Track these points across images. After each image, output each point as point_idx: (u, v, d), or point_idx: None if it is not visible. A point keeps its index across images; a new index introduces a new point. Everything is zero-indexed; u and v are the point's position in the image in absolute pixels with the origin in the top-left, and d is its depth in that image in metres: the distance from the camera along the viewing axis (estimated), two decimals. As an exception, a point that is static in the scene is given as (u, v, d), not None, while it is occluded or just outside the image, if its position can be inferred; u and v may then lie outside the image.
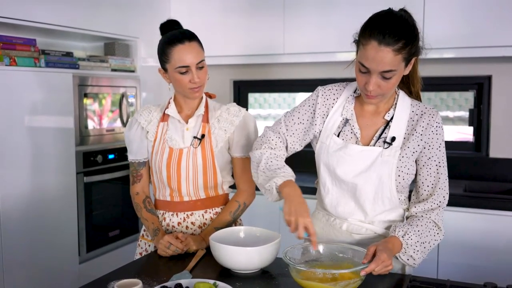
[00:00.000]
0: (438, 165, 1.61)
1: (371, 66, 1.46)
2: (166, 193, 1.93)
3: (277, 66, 3.73)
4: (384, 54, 1.43)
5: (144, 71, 3.41)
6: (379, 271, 1.44)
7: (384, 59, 1.43)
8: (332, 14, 3.16)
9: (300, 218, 1.47)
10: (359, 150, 1.61)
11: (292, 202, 1.52)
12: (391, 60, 1.43)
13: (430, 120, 1.59)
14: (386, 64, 1.44)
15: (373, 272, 1.43)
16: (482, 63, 3.18)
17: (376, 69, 1.45)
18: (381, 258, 1.43)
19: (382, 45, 1.42)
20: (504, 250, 2.62)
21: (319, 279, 1.39)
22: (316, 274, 1.41)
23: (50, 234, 2.77)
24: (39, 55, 2.72)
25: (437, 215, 1.61)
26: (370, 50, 1.44)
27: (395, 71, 1.46)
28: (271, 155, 1.67)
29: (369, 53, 1.44)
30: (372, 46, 1.44)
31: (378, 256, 1.44)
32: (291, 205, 1.51)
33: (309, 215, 1.49)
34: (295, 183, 1.59)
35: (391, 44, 1.42)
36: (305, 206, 1.51)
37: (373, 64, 1.45)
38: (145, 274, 1.60)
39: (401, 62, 1.46)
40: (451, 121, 3.49)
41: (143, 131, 1.94)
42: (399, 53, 1.43)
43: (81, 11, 2.93)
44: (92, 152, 3.03)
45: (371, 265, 1.42)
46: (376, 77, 1.47)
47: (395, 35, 1.42)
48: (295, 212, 1.49)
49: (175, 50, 1.77)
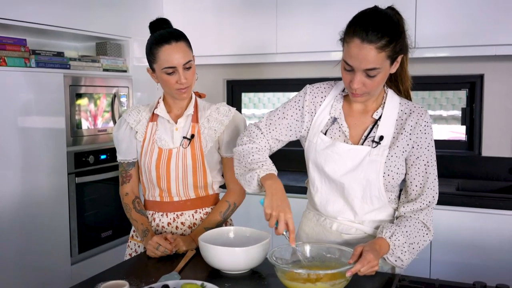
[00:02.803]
0: (426, 165, 1.60)
1: (355, 64, 1.45)
2: (155, 193, 1.92)
3: (270, 65, 3.72)
4: (367, 52, 1.42)
5: (136, 71, 3.40)
6: (365, 271, 1.42)
7: (367, 56, 1.42)
8: (325, 13, 3.15)
9: (282, 213, 1.46)
10: (347, 148, 1.60)
11: (274, 195, 1.49)
12: (374, 58, 1.42)
13: (419, 119, 1.58)
14: (370, 62, 1.43)
15: (359, 272, 1.41)
16: (474, 62, 3.18)
17: (359, 66, 1.44)
18: (367, 259, 1.42)
19: (365, 42, 1.41)
20: (497, 249, 2.62)
21: (304, 280, 1.38)
22: (301, 274, 1.40)
23: (42, 235, 2.76)
24: (29, 55, 2.71)
25: (426, 215, 1.60)
26: (353, 47, 1.43)
27: (379, 69, 1.45)
28: (254, 149, 1.65)
29: (352, 51, 1.44)
30: (355, 43, 1.43)
31: (364, 256, 1.43)
32: (273, 199, 1.48)
33: (290, 211, 1.48)
34: (277, 177, 1.57)
35: (374, 41, 1.41)
36: (287, 202, 1.50)
37: (356, 62, 1.44)
38: (133, 275, 1.59)
39: (385, 60, 1.45)
40: (445, 120, 3.49)
41: (132, 131, 1.92)
42: (382, 51, 1.42)
43: (73, 10, 2.91)
44: (84, 152, 3.01)
45: (357, 265, 1.41)
46: (361, 75, 1.46)
47: (378, 32, 1.41)
48: (277, 206, 1.47)
49: (161, 51, 1.75)
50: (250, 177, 1.57)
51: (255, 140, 1.69)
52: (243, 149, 1.66)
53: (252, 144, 1.67)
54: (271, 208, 1.47)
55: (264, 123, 1.72)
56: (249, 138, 1.70)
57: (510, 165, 3.16)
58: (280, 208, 1.46)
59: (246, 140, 1.70)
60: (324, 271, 1.39)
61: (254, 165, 1.59)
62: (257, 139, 1.70)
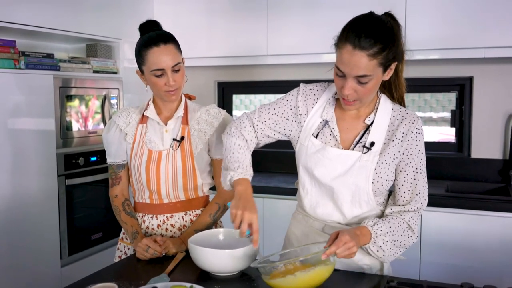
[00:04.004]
0: (415, 171, 1.58)
1: (346, 70, 1.44)
2: (145, 195, 1.91)
3: (261, 67, 3.73)
4: (358, 59, 1.41)
5: (126, 72, 3.39)
6: (342, 253, 1.40)
7: (358, 63, 1.41)
8: (316, 16, 3.16)
9: (246, 213, 1.47)
10: (337, 153, 1.59)
11: (241, 198, 1.52)
12: (365, 65, 1.41)
13: (411, 126, 1.57)
14: (361, 69, 1.42)
15: (337, 255, 1.40)
16: (464, 64, 3.21)
17: (350, 73, 1.44)
18: (342, 240, 1.40)
19: (357, 49, 1.40)
20: (485, 250, 2.63)
21: (283, 273, 1.39)
22: (278, 268, 1.40)
23: (31, 237, 2.74)
24: (19, 57, 2.69)
25: (412, 218, 1.58)
26: (345, 54, 1.43)
27: (371, 76, 1.44)
28: (237, 146, 1.66)
29: (344, 57, 1.43)
30: (347, 50, 1.42)
31: (339, 238, 1.41)
32: (239, 201, 1.51)
33: (256, 212, 1.48)
34: (249, 183, 1.60)
35: (366, 48, 1.40)
36: (253, 203, 1.51)
37: (347, 68, 1.43)
38: (123, 277, 1.59)
39: (377, 68, 1.44)
40: (435, 122, 3.52)
41: (121, 133, 1.92)
42: (374, 58, 1.41)
43: (63, 12, 2.90)
44: (74, 154, 3.00)
45: (332, 247, 1.39)
46: (352, 81, 1.45)
47: (371, 38, 1.40)
48: (242, 206, 1.48)
49: (150, 53, 1.75)
50: (224, 175, 1.64)
51: (243, 133, 1.69)
52: (227, 142, 1.69)
53: (236, 139, 1.68)
54: (236, 207, 1.49)
55: (256, 116, 1.71)
56: (237, 129, 1.70)
57: (499, 167, 3.18)
58: (245, 208, 1.48)
59: (234, 130, 1.70)
60: (299, 258, 1.39)
61: (231, 165, 1.63)
62: (244, 132, 1.70)
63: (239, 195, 1.53)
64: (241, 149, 1.66)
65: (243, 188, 1.56)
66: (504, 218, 2.60)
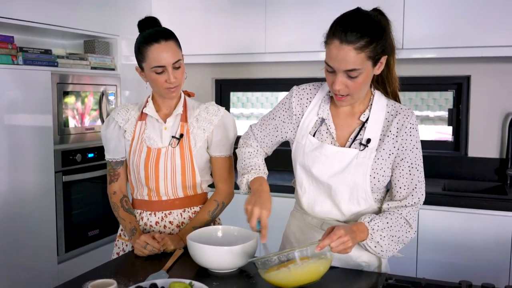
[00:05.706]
0: (410, 167, 1.58)
1: (335, 65, 1.45)
2: (143, 192, 1.91)
3: (259, 65, 3.73)
4: (346, 53, 1.42)
5: (124, 69, 3.38)
6: (336, 247, 1.40)
7: (346, 57, 1.42)
8: (314, 13, 3.16)
9: (256, 208, 1.48)
10: (335, 150, 1.60)
11: (256, 193, 1.55)
12: (354, 59, 1.43)
13: (405, 121, 1.57)
14: (349, 63, 1.43)
15: (331, 249, 1.40)
16: (461, 63, 3.22)
17: (339, 67, 1.45)
18: (336, 234, 1.41)
19: (344, 43, 1.42)
20: (483, 248, 2.65)
21: (278, 267, 1.39)
22: (273, 261, 1.41)
23: (28, 233, 2.74)
24: (16, 53, 2.68)
25: (409, 213, 1.58)
26: (333, 49, 1.44)
27: (360, 69, 1.45)
28: (247, 153, 1.75)
29: (332, 52, 1.45)
30: (335, 45, 1.44)
31: (333, 231, 1.42)
32: (252, 196, 1.54)
33: (268, 207, 1.50)
34: (264, 179, 1.64)
35: (352, 42, 1.41)
36: (267, 197, 1.53)
37: (336, 63, 1.45)
38: (121, 274, 1.59)
39: (365, 61, 1.45)
40: (431, 120, 3.52)
41: (120, 130, 1.92)
42: (361, 51, 1.42)
43: (61, 8, 2.89)
44: (71, 150, 2.99)
45: (325, 240, 1.40)
46: (342, 76, 1.47)
47: (358, 32, 1.41)
48: (255, 202, 1.50)
49: (150, 50, 1.74)
50: (240, 181, 1.67)
51: (250, 143, 1.79)
52: (238, 154, 1.78)
53: (246, 148, 1.78)
54: (249, 203, 1.51)
55: (257, 126, 1.80)
56: (244, 141, 1.81)
57: (496, 165, 3.20)
58: (257, 203, 1.50)
59: (242, 143, 1.81)
60: (292, 249, 1.39)
61: (244, 170, 1.69)
62: (249, 142, 1.79)
63: (254, 191, 1.58)
64: (251, 155, 1.75)
65: (258, 184, 1.60)
66: (500, 217, 2.62)
